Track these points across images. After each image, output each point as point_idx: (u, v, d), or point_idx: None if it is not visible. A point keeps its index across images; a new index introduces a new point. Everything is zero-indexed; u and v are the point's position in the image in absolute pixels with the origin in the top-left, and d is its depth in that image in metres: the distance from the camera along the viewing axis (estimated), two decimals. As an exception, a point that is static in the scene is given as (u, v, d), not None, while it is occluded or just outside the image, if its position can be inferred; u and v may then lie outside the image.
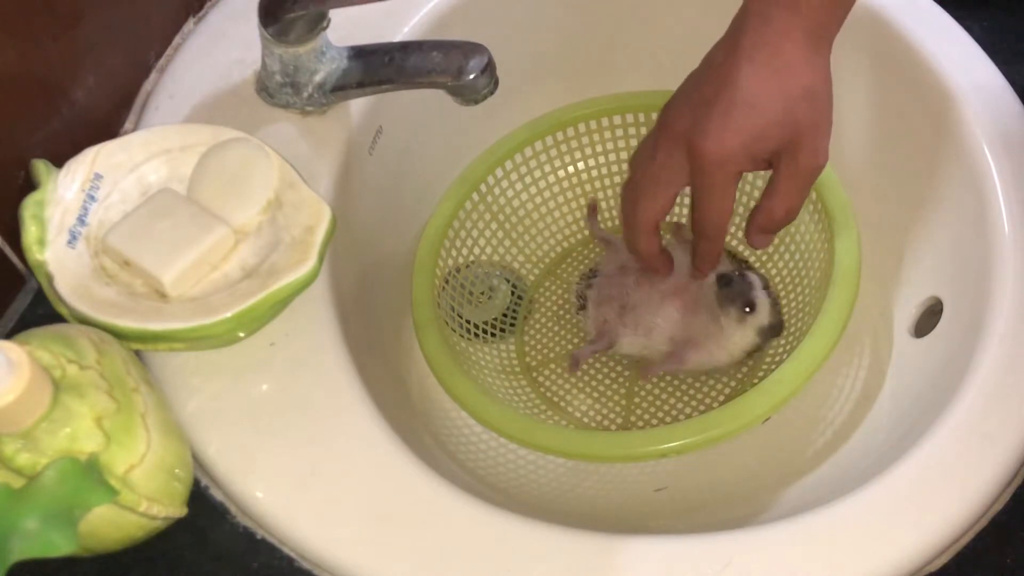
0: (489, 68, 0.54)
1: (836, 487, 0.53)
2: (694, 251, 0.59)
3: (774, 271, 0.71)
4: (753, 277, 0.64)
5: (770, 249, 0.71)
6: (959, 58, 0.62)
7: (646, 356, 0.67)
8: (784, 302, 0.69)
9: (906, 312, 0.64)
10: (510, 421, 0.56)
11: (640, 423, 0.67)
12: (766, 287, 0.64)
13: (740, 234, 0.73)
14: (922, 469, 0.47)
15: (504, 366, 0.70)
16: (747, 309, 0.62)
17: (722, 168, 0.52)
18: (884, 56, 0.65)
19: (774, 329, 0.63)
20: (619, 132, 0.72)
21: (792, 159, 0.51)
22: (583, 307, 0.69)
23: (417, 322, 0.61)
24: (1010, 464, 0.48)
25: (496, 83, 0.55)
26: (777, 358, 0.67)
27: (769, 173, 0.54)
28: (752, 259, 0.72)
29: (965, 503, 0.46)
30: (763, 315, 0.63)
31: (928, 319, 0.62)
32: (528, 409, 0.67)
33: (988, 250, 0.55)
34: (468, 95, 0.55)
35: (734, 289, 0.62)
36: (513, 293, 0.73)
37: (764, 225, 0.55)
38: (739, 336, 0.63)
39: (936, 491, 0.47)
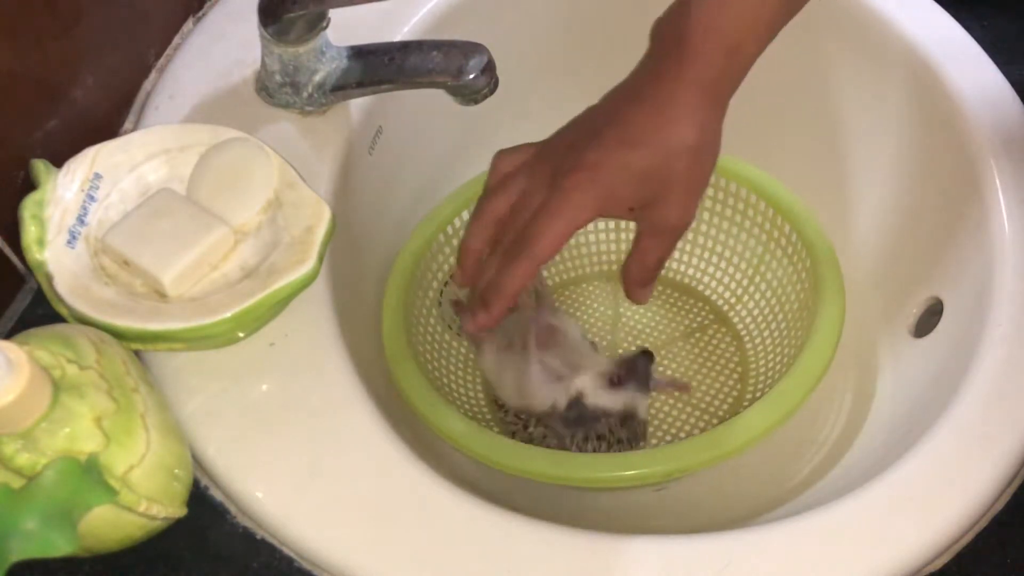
0: (489, 68, 0.54)
1: (836, 487, 0.53)
2: (497, 281, 0.53)
3: (743, 311, 0.72)
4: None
5: (739, 292, 0.72)
6: (959, 58, 0.62)
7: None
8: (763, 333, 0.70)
9: (906, 312, 0.64)
10: (482, 445, 0.55)
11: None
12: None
13: (714, 284, 0.74)
14: (922, 469, 0.47)
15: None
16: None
17: (578, 195, 0.49)
18: (883, 56, 0.65)
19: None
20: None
21: (657, 212, 0.50)
22: None
23: (390, 358, 0.59)
24: (1010, 464, 0.48)
25: (496, 83, 0.55)
26: (772, 375, 0.67)
27: None
28: (727, 309, 0.73)
29: (965, 503, 0.46)
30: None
31: (928, 319, 0.62)
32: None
33: (988, 250, 0.55)
34: (468, 95, 0.55)
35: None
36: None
37: (636, 278, 0.55)
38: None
39: (936, 491, 0.47)
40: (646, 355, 0.60)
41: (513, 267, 0.51)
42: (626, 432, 0.59)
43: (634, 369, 0.59)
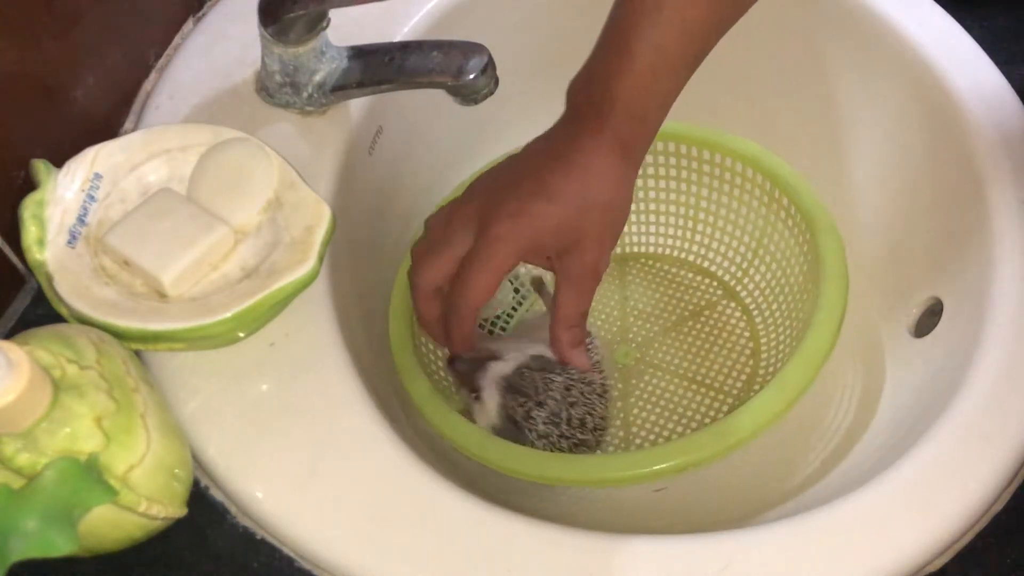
0: (489, 68, 0.54)
1: (836, 487, 0.53)
2: (447, 330, 0.56)
3: (751, 285, 0.72)
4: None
5: (745, 265, 0.72)
6: (959, 58, 0.62)
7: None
8: (767, 314, 0.70)
9: (906, 312, 0.64)
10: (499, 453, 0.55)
11: (638, 440, 0.67)
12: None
13: (719, 259, 0.74)
14: (922, 469, 0.47)
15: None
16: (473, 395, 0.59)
17: (503, 245, 0.52)
18: (883, 57, 0.65)
19: None
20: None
21: (573, 262, 0.54)
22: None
23: (399, 368, 0.60)
24: (1010, 464, 0.48)
25: (496, 83, 0.55)
26: (783, 350, 0.67)
27: None
28: (734, 283, 0.73)
29: (965, 503, 0.46)
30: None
31: (928, 319, 0.62)
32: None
33: (988, 250, 0.55)
34: (468, 95, 0.55)
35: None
36: (518, 292, 0.73)
37: (564, 338, 0.56)
38: None
39: (936, 491, 0.47)
40: (451, 360, 0.59)
41: (454, 318, 0.55)
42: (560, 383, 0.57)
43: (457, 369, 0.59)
